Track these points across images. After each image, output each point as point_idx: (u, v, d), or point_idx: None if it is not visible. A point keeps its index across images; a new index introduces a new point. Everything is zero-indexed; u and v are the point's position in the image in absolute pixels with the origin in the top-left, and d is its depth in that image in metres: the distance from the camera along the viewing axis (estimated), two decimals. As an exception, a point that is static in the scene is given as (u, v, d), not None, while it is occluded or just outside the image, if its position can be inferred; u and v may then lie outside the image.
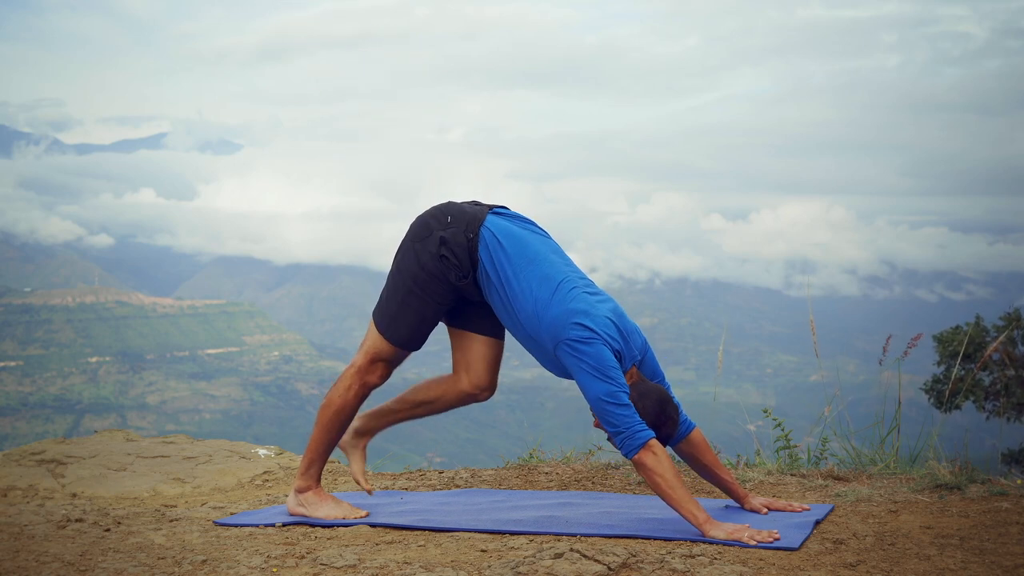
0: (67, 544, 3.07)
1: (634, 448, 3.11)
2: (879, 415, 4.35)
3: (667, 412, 3.22)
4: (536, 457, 4.66)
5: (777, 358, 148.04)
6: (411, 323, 3.40)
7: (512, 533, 3.17)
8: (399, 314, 3.40)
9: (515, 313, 3.28)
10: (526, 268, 3.29)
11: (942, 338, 14.59)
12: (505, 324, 3.39)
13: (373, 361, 3.46)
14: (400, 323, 3.41)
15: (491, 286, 3.32)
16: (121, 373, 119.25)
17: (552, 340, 3.20)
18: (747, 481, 3.97)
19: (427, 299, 3.37)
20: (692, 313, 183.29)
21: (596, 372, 3.13)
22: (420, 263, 3.35)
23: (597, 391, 3.13)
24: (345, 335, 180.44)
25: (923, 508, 3.40)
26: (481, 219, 3.35)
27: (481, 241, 3.32)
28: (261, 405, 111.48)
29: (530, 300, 3.25)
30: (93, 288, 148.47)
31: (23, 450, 4.67)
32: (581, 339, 3.15)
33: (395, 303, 3.41)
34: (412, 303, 3.38)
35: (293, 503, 3.51)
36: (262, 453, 4.82)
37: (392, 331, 3.42)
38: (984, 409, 14.06)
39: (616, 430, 3.13)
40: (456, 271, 3.32)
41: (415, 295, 3.37)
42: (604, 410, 3.12)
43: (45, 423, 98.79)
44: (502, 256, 3.30)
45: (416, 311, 3.38)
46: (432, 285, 3.35)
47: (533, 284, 3.26)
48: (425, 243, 3.35)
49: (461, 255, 3.32)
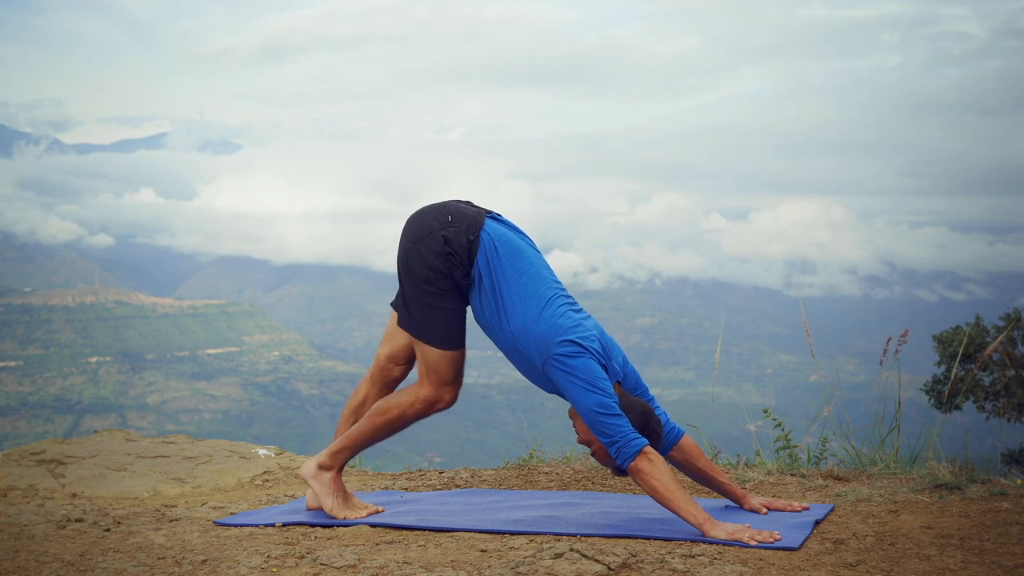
0: (67, 544, 3.07)
1: (630, 456, 3.12)
2: (879, 415, 4.35)
3: (650, 426, 3.24)
4: (536, 457, 4.66)
5: (777, 358, 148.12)
6: (442, 323, 3.36)
7: (512, 533, 3.17)
8: (430, 319, 3.36)
9: (504, 323, 3.28)
10: (517, 280, 3.29)
11: (942, 338, 14.59)
12: (486, 330, 3.37)
13: (440, 385, 3.41)
14: (435, 326, 3.36)
15: (482, 291, 3.31)
16: (121, 373, 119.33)
17: (541, 356, 3.22)
18: (747, 481, 3.97)
19: (447, 296, 3.35)
20: (692, 313, 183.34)
21: (586, 384, 3.15)
22: (427, 264, 3.32)
23: (589, 403, 3.14)
24: (345, 335, 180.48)
25: (923, 508, 3.40)
26: (481, 222, 3.34)
27: (480, 245, 3.31)
28: (261, 405, 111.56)
29: (520, 314, 3.25)
30: (93, 288, 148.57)
31: (23, 450, 4.67)
32: (569, 354, 3.17)
33: (420, 309, 3.37)
34: (436, 303, 3.35)
35: (310, 472, 3.51)
36: (262, 453, 4.82)
37: (435, 337, 3.36)
38: (984, 409, 14.07)
39: (610, 440, 3.14)
40: (460, 270, 3.32)
41: (435, 295, 3.35)
42: (598, 421, 3.14)
43: (45, 423, 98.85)
44: (497, 264, 3.30)
45: (442, 310, 3.35)
46: (443, 283, 3.34)
47: (524, 298, 3.27)
48: (426, 242, 3.33)
49: (461, 255, 3.31)
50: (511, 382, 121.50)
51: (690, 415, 3.48)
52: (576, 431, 3.31)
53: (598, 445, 3.24)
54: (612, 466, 3.26)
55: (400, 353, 3.54)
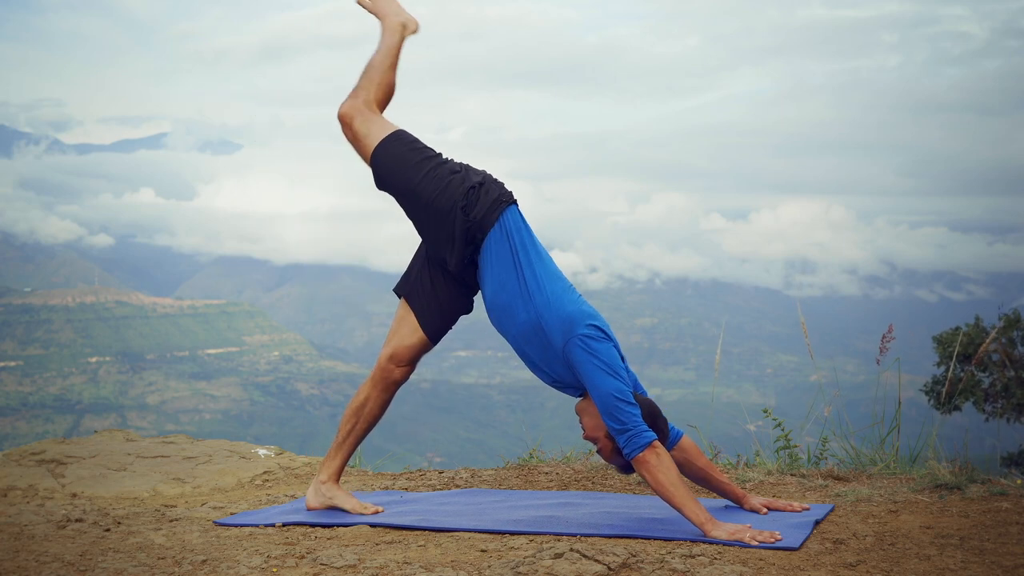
0: (67, 544, 3.07)
1: (640, 447, 3.11)
2: (879, 415, 4.35)
3: (658, 424, 3.24)
4: (536, 457, 4.66)
5: (777, 358, 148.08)
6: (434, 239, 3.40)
7: (512, 533, 3.17)
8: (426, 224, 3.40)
9: (530, 295, 3.26)
10: (541, 260, 3.33)
11: (942, 339, 14.58)
12: (495, 300, 3.34)
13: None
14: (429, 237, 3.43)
15: (501, 258, 3.31)
16: (121, 373, 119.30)
17: (564, 335, 3.20)
18: (747, 481, 3.98)
19: (443, 223, 3.36)
20: (692, 313, 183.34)
21: (608, 369, 3.16)
22: (437, 188, 3.36)
23: (609, 387, 3.14)
24: (345, 335, 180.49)
25: (923, 508, 3.40)
26: (512, 198, 3.40)
27: (511, 212, 3.35)
28: (261, 405, 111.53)
29: (548, 290, 3.26)
30: (93, 288, 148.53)
31: (23, 450, 4.67)
32: (595, 336, 3.19)
33: (422, 216, 3.41)
34: (433, 218, 3.38)
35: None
36: (262, 453, 4.82)
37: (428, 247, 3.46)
38: (984, 410, 14.05)
39: (623, 427, 3.13)
40: (477, 208, 3.32)
41: (432, 214, 3.37)
42: (615, 406, 3.13)
43: (45, 423, 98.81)
44: (526, 238, 3.34)
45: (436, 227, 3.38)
46: (446, 217, 3.34)
47: (551, 277, 3.30)
48: (452, 182, 3.36)
49: (487, 204, 3.33)
50: (511, 382, 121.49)
51: (690, 415, 3.48)
52: (583, 427, 3.30)
53: (604, 443, 3.24)
54: (618, 462, 3.26)
55: (402, 354, 3.53)
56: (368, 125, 3.48)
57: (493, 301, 3.34)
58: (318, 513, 3.52)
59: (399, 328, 3.54)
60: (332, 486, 3.58)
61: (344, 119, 3.50)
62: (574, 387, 3.31)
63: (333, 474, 3.59)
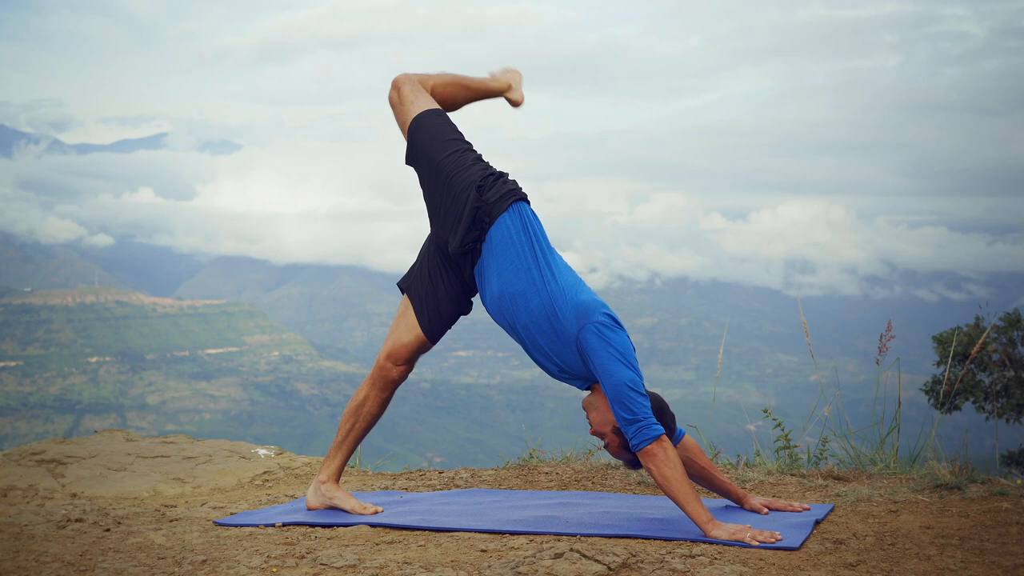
0: (67, 544, 3.07)
1: (648, 439, 3.10)
2: (879, 415, 4.35)
3: (664, 419, 3.24)
4: (536, 457, 4.66)
5: (777, 358, 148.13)
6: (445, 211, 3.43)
7: (512, 533, 3.17)
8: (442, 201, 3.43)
9: (544, 282, 3.26)
10: (553, 253, 3.36)
11: (941, 339, 14.58)
12: (506, 287, 3.32)
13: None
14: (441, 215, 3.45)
15: (516, 244, 3.32)
16: (121, 373, 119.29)
17: (579, 321, 3.20)
18: (747, 481, 3.97)
19: (459, 193, 3.40)
20: (692, 313, 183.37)
21: (622, 358, 3.15)
22: (459, 167, 3.41)
23: (622, 376, 3.13)
24: (345, 335, 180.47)
25: (923, 508, 3.40)
26: (527, 197, 3.45)
27: (526, 206, 3.40)
28: (261, 405, 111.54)
29: (562, 278, 3.28)
30: (93, 288, 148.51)
31: (23, 450, 4.67)
32: (611, 325, 3.19)
33: (439, 197, 3.45)
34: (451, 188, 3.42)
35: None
36: (262, 453, 4.82)
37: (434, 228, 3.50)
38: (984, 410, 14.06)
39: (633, 417, 3.11)
40: (492, 192, 3.36)
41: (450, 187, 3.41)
42: (628, 396, 3.12)
43: (45, 423, 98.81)
44: (540, 230, 3.37)
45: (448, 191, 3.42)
46: (460, 193, 3.38)
47: (564, 268, 3.34)
48: (475, 166, 3.43)
49: (502, 191, 3.37)
50: (511, 382, 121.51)
51: (690, 415, 3.48)
52: (589, 422, 3.29)
53: (611, 437, 3.23)
54: (626, 458, 3.25)
55: (400, 352, 3.53)
56: (417, 94, 3.58)
57: (503, 288, 3.32)
58: (318, 513, 3.52)
59: (398, 325, 3.55)
60: (332, 486, 3.58)
61: (397, 82, 3.60)
62: (582, 378, 3.29)
63: (333, 474, 3.59)
